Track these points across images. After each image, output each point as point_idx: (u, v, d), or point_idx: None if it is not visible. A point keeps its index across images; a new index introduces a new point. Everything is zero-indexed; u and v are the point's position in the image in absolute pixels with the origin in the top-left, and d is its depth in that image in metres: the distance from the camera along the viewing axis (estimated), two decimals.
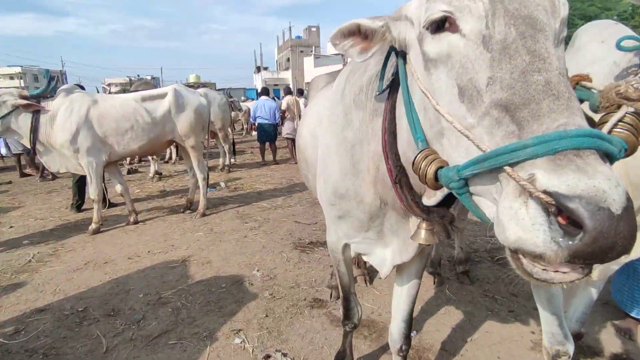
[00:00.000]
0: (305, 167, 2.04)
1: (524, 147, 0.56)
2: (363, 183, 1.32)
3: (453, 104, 0.72)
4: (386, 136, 1.07)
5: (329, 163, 1.44)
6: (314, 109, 1.93)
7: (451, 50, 0.72)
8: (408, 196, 1.08)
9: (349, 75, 1.41)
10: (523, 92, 0.61)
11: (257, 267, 3.55)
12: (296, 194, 6.32)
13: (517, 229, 0.56)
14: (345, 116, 1.35)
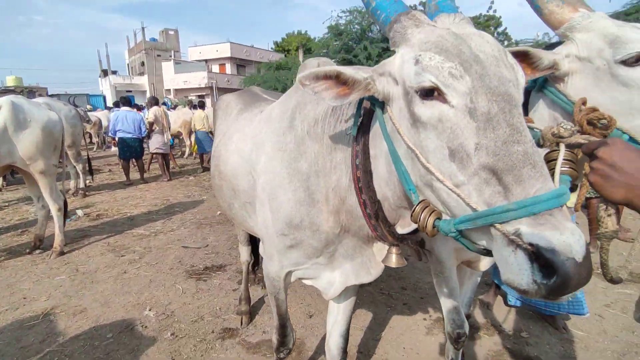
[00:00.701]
0: (231, 194, 1.95)
1: (509, 211, 0.69)
2: (320, 213, 1.33)
3: (443, 163, 0.81)
4: (359, 173, 1.11)
5: (279, 193, 1.41)
6: (246, 133, 1.83)
7: (442, 117, 0.81)
8: (383, 228, 1.15)
9: (298, 107, 1.42)
10: (507, 159, 0.73)
11: (148, 306, 3.13)
12: (177, 215, 5.81)
13: (507, 271, 0.71)
14: (297, 147, 1.36)
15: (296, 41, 41.78)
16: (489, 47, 0.85)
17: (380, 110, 1.00)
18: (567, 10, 1.19)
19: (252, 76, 28.78)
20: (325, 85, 0.96)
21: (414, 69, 0.85)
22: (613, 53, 1.09)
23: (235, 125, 2.06)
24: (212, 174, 2.21)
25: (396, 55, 0.94)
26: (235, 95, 2.56)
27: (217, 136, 2.31)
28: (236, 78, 33.62)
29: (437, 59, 0.82)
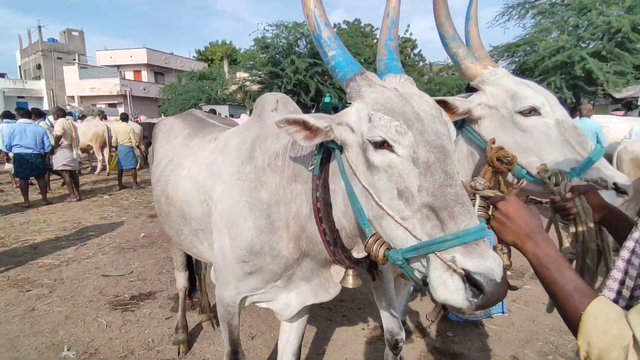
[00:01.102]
0: (181, 221, 1.91)
1: (446, 241, 0.86)
2: (280, 239, 1.40)
3: (393, 201, 0.96)
4: (320, 205, 1.23)
5: (239, 221, 1.45)
6: (199, 161, 1.82)
7: (391, 164, 0.98)
8: (341, 253, 1.27)
9: (258, 139, 1.50)
10: (442, 199, 0.90)
11: (66, 346, 2.79)
12: (92, 240, 5.25)
13: (445, 292, 0.86)
14: (258, 177, 1.43)
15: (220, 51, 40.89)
16: (428, 106, 1.04)
17: (339, 152, 1.13)
18: (479, 67, 1.49)
19: (172, 85, 27.42)
20: (296, 129, 1.10)
21: (367, 126, 1.02)
22: (513, 105, 1.39)
23: (186, 151, 2.03)
24: (157, 199, 2.13)
25: (352, 109, 1.10)
26: (178, 119, 2.48)
27: (160, 160, 2.21)
28: (154, 86, 31.58)
29: (386, 118, 0.98)
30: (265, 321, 3.17)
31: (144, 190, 8.54)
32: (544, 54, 13.55)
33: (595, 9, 13.28)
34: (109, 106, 29.25)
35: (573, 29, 13.97)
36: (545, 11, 15.36)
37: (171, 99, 25.54)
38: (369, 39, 38.96)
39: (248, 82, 23.09)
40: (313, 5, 1.12)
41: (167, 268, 4.23)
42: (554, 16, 14.97)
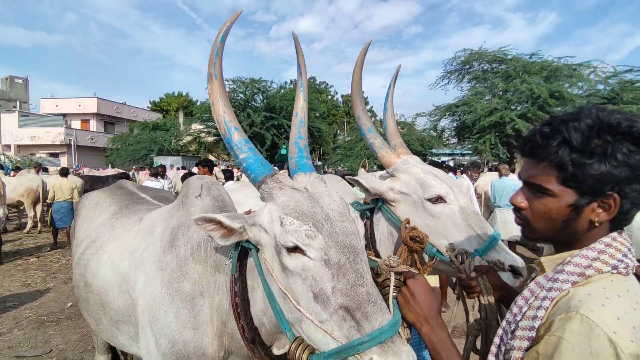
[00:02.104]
0: (99, 309, 1.78)
1: (363, 343, 0.88)
2: (205, 336, 1.31)
3: (310, 303, 0.97)
4: (238, 300, 1.20)
5: (161, 315, 1.36)
6: (122, 246, 1.70)
7: (304, 266, 0.99)
8: (261, 351, 1.22)
9: (181, 227, 1.45)
10: (355, 299, 0.92)
11: None
12: (9, 312, 4.61)
13: None
14: (180, 267, 1.37)
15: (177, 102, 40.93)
16: (336, 205, 1.09)
17: (255, 252, 1.13)
18: (393, 156, 1.65)
19: (122, 135, 26.61)
20: (213, 227, 1.10)
21: (280, 230, 1.03)
22: (423, 192, 1.52)
23: (110, 232, 1.89)
24: (76, 284, 1.97)
25: (265, 210, 1.11)
26: (105, 193, 2.32)
27: (81, 240, 2.04)
28: (102, 136, 30.45)
29: (296, 223, 1.01)
30: None
31: None
32: (481, 114, 15.06)
33: (519, 77, 15.19)
34: (51, 156, 27.54)
35: (503, 93, 15.79)
36: (478, 77, 17.33)
37: (121, 149, 24.65)
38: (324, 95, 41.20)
39: (203, 134, 23.06)
40: (222, 112, 1.16)
41: (93, 344, 3.78)
42: (486, 82, 16.91)
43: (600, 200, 0.82)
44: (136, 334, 1.58)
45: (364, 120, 1.69)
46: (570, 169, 0.81)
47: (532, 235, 0.94)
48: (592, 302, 0.76)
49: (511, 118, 14.41)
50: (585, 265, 0.82)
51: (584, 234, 0.86)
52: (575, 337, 0.73)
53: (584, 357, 0.72)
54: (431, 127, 18.46)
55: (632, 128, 0.78)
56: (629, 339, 0.70)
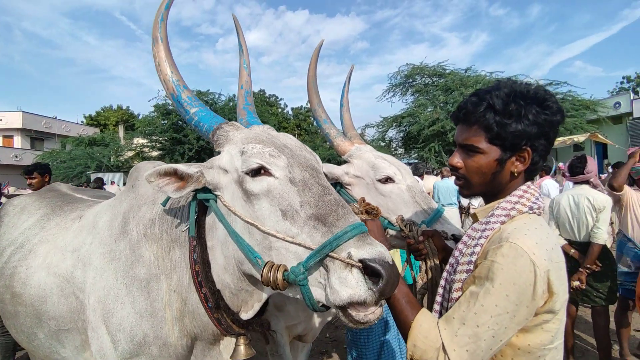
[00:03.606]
0: (34, 322, 1.56)
1: (339, 237, 0.90)
2: (164, 322, 1.25)
3: (279, 223, 0.99)
4: (198, 267, 1.17)
5: (117, 308, 1.27)
6: (60, 246, 1.54)
7: (270, 187, 1.02)
8: (227, 318, 1.20)
9: (131, 210, 1.38)
10: (325, 206, 0.97)
11: None
12: None
13: (347, 289, 0.87)
14: (133, 252, 1.30)
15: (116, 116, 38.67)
16: (293, 141, 1.17)
17: (214, 202, 1.15)
18: (347, 144, 1.81)
19: (53, 151, 24.51)
20: (168, 181, 1.10)
21: (241, 158, 1.07)
22: (374, 174, 1.66)
23: (41, 234, 1.69)
24: (0, 298, 1.72)
25: (222, 153, 1.14)
26: (33, 197, 2.07)
27: (3, 249, 1.80)
28: (30, 153, 27.71)
29: (258, 146, 1.06)
30: None
31: None
32: (424, 124, 15.98)
33: (457, 90, 16.42)
34: None
35: (444, 105, 16.92)
36: (421, 89, 18.45)
37: (53, 166, 22.57)
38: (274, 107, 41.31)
39: (147, 149, 21.88)
40: (169, 72, 1.18)
41: None
42: (428, 94, 18.04)
43: (518, 154, 1.03)
44: (83, 342, 1.43)
45: (319, 112, 1.83)
46: (495, 129, 1.01)
47: (468, 191, 1.13)
48: (517, 233, 0.95)
49: (452, 127, 15.44)
50: (509, 208, 1.03)
51: (507, 185, 1.08)
52: (505, 259, 0.92)
53: (511, 274, 0.90)
54: (379, 138, 19.19)
55: (537, 94, 1.01)
56: (544, 258, 0.91)
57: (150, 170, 1.08)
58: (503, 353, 0.98)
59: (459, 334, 0.92)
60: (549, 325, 0.96)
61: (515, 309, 0.90)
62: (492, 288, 0.91)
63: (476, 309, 0.91)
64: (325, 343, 3.82)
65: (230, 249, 1.12)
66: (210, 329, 1.25)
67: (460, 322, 0.93)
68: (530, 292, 0.90)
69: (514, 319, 0.90)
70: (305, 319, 1.85)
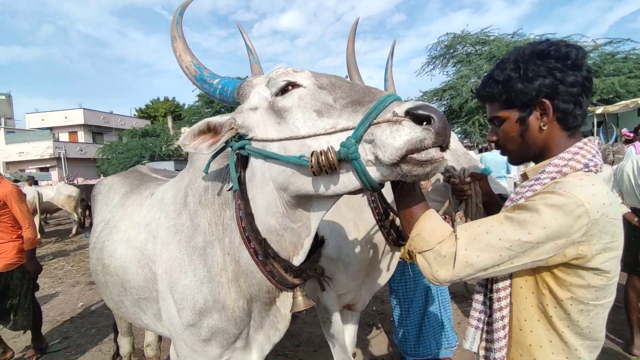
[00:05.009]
0: (120, 291, 1.75)
1: (383, 101, 0.89)
2: (221, 287, 1.31)
3: (315, 124, 0.98)
4: (244, 222, 1.19)
5: (180, 278, 1.36)
6: (136, 221, 1.69)
7: (301, 95, 1.03)
8: (279, 268, 1.20)
9: (190, 184, 1.46)
10: (357, 93, 0.97)
11: None
12: None
13: (402, 138, 0.84)
14: (192, 223, 1.37)
15: (164, 108, 40.65)
16: None
17: (249, 144, 1.15)
18: None
19: (112, 144, 26.48)
20: (201, 139, 1.15)
21: (268, 87, 1.11)
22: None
23: (121, 211, 1.90)
24: (94, 269, 1.97)
25: (249, 97, 1.16)
26: (118, 177, 2.38)
27: (97, 224, 2.08)
28: (92, 147, 30.21)
29: (282, 69, 1.10)
30: None
31: (82, 257, 7.93)
32: (467, 97, 15.32)
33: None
34: (41, 170, 27.29)
35: None
36: (462, 60, 17.57)
37: (112, 158, 24.55)
38: None
39: None
40: (189, 59, 1.23)
41: (111, 336, 3.93)
42: (471, 64, 17.17)
43: (537, 108, 1.03)
44: (159, 310, 1.54)
45: None
46: (504, 95, 1.05)
47: (511, 158, 1.15)
48: (570, 185, 0.92)
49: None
50: (562, 165, 0.99)
51: (545, 143, 1.05)
52: (552, 198, 0.89)
53: (554, 211, 0.86)
54: None
55: (534, 48, 1.03)
56: (596, 209, 0.87)
57: (184, 134, 1.11)
58: (542, 300, 0.97)
59: (478, 240, 0.91)
60: (594, 280, 0.92)
61: (544, 241, 0.87)
62: (529, 217, 0.88)
63: (505, 227, 0.90)
64: (372, 316, 4.09)
65: (270, 185, 1.12)
66: (265, 286, 1.26)
67: (484, 231, 0.91)
68: (567, 231, 0.86)
69: (536, 250, 0.88)
70: (354, 289, 2.07)
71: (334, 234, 1.94)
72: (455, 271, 0.91)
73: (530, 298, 1.00)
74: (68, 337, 4.02)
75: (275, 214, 1.16)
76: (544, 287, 0.97)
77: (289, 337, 3.66)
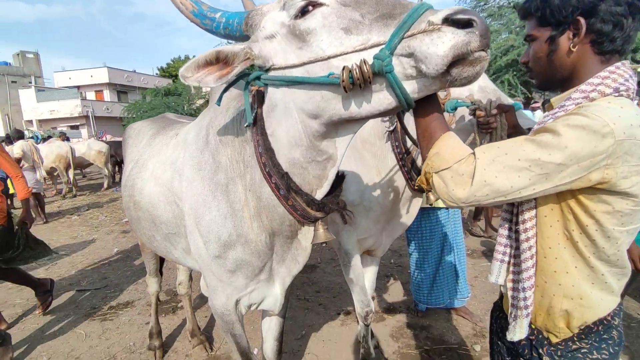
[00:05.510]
0: (151, 226, 1.83)
1: (416, 10, 0.84)
2: (243, 221, 1.34)
3: (342, 42, 0.91)
4: (265, 159, 1.16)
5: (205, 213, 1.40)
6: (162, 160, 1.75)
7: (324, 14, 0.94)
8: (301, 202, 1.17)
9: (211, 123, 1.46)
10: (387, 6, 0.89)
11: (46, 357, 2.79)
12: (64, 258, 5.16)
13: (446, 44, 0.79)
14: (214, 160, 1.38)
15: None
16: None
17: (265, 74, 1.08)
18: None
19: (137, 103, 26.77)
20: (207, 71, 1.04)
21: (285, 10, 1.01)
22: None
23: (149, 151, 1.97)
24: (127, 206, 2.06)
25: (262, 27, 1.06)
26: (147, 121, 2.50)
27: (127, 164, 2.21)
28: (117, 106, 30.79)
29: None
30: None
31: (114, 208, 8.39)
32: (497, 53, 14.42)
33: None
34: (71, 128, 28.25)
35: (520, 29, 14.96)
36: (494, 13, 16.33)
37: (136, 117, 24.99)
38: None
39: None
40: None
41: (144, 278, 4.25)
42: (502, 18, 15.97)
43: (571, 27, 0.96)
44: (188, 245, 1.61)
45: None
46: (540, 12, 0.99)
47: (537, 82, 1.11)
48: (594, 107, 0.86)
49: None
50: (589, 90, 0.92)
51: (574, 67, 0.99)
52: (576, 119, 0.84)
53: (577, 131, 0.82)
54: None
55: None
56: (623, 131, 0.82)
57: (186, 63, 1.01)
58: (567, 227, 0.96)
59: (497, 161, 0.87)
60: (620, 204, 0.88)
61: (566, 163, 0.83)
62: (550, 138, 0.84)
63: (525, 147, 0.86)
64: (390, 268, 4.22)
65: (294, 116, 1.06)
66: (287, 220, 1.26)
67: (503, 152, 0.87)
68: (591, 152, 0.82)
69: (558, 174, 0.84)
70: (375, 234, 2.14)
71: (356, 180, 1.98)
72: (472, 190, 0.88)
73: (556, 226, 0.99)
74: (106, 278, 4.38)
75: (299, 147, 1.11)
76: (569, 213, 0.95)
77: (310, 284, 3.86)
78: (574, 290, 0.99)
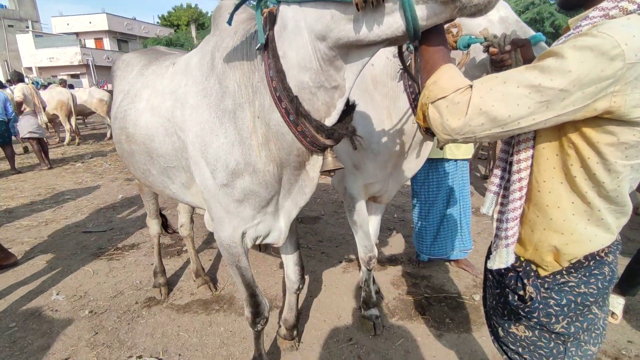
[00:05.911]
0: (146, 160, 1.76)
1: None
2: (251, 149, 1.32)
3: None
4: (275, 81, 1.13)
5: (212, 140, 1.36)
6: (159, 89, 1.66)
7: None
8: (311, 128, 1.14)
9: (216, 46, 1.40)
10: None
11: (55, 291, 2.88)
12: (69, 202, 5.21)
13: None
14: (220, 85, 1.33)
15: (186, 15, 38.80)
16: None
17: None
18: None
19: None
20: None
21: None
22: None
23: (142, 80, 1.86)
24: (117, 140, 1.95)
25: None
26: (136, 53, 2.36)
27: (116, 96, 2.09)
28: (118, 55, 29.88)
29: None
30: None
31: (118, 157, 8.38)
32: (516, 10, 13.68)
33: None
34: (72, 77, 27.66)
35: None
36: None
37: None
38: None
39: None
40: None
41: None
42: None
43: None
44: (189, 179, 1.59)
45: None
46: None
47: (561, 3, 1.00)
48: (608, 25, 0.77)
49: (550, 13, 12.95)
50: (610, 8, 0.83)
51: None
52: (583, 40, 0.76)
53: (584, 53, 0.74)
54: None
55: None
56: (635, 52, 0.73)
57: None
58: (566, 161, 0.91)
59: (495, 89, 0.81)
60: (626, 135, 0.82)
61: (569, 89, 0.76)
62: (553, 62, 0.77)
63: (526, 74, 0.79)
64: (393, 222, 4.25)
65: (304, 36, 1.03)
66: (296, 149, 1.24)
67: (502, 81, 0.81)
68: (597, 77, 0.74)
69: (560, 102, 0.77)
70: (382, 179, 2.10)
71: (365, 122, 1.90)
72: (467, 119, 0.82)
73: (553, 159, 0.94)
74: (112, 222, 4.44)
75: (309, 70, 1.08)
76: (570, 147, 0.89)
77: (312, 234, 3.90)
78: (564, 225, 0.96)
